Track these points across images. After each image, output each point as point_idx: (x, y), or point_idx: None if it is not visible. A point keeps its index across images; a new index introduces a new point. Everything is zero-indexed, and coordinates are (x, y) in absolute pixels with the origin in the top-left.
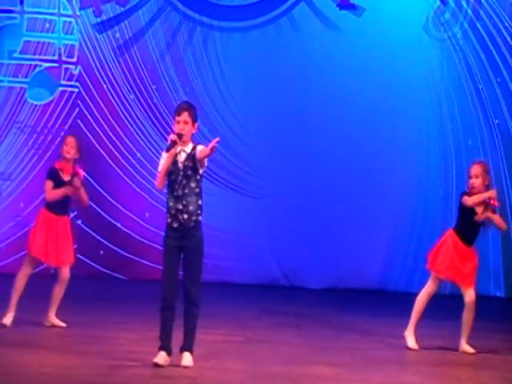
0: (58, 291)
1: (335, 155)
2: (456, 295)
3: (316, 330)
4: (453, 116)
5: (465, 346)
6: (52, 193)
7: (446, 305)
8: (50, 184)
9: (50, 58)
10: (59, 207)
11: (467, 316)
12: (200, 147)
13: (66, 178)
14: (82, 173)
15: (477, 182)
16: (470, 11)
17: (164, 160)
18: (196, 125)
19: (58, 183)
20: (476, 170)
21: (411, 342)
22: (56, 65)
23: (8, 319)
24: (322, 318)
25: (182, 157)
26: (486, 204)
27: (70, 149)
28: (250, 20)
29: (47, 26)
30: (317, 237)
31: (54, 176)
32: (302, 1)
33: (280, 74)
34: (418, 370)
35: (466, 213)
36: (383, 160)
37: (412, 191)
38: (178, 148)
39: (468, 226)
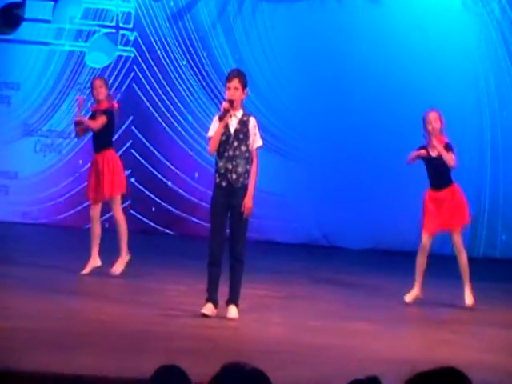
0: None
1: (375, 120)
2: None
3: (353, 289)
4: (489, 89)
5: (468, 297)
6: (91, 122)
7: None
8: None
9: (108, 24)
10: (94, 144)
11: (460, 260)
12: (253, 120)
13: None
14: (116, 105)
15: (437, 126)
16: None
17: (216, 126)
18: (246, 90)
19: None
20: (434, 115)
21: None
22: (113, 30)
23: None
24: (359, 277)
25: (233, 121)
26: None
27: (99, 89)
28: None
29: None
30: (356, 199)
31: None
32: None
33: (324, 44)
34: (449, 328)
35: (424, 162)
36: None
37: None
38: (231, 113)
39: (430, 172)
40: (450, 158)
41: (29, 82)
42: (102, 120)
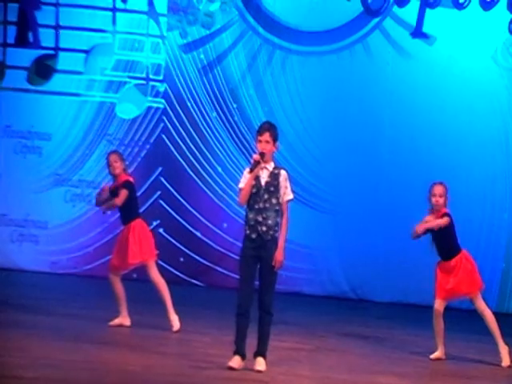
0: (160, 294)
1: (404, 176)
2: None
3: (381, 342)
4: None
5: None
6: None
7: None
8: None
9: (139, 75)
10: (121, 216)
11: (489, 325)
12: (284, 174)
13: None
14: (130, 178)
15: (440, 200)
16: None
17: (247, 178)
18: (277, 144)
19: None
20: (440, 189)
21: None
22: (143, 82)
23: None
24: (387, 331)
25: (264, 173)
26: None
27: (113, 164)
28: (327, 45)
29: (136, 45)
30: (383, 252)
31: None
32: (377, 28)
33: (353, 97)
34: None
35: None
36: (452, 180)
37: (477, 213)
38: (261, 165)
39: (435, 244)
40: (435, 224)
41: (60, 133)
42: (124, 194)
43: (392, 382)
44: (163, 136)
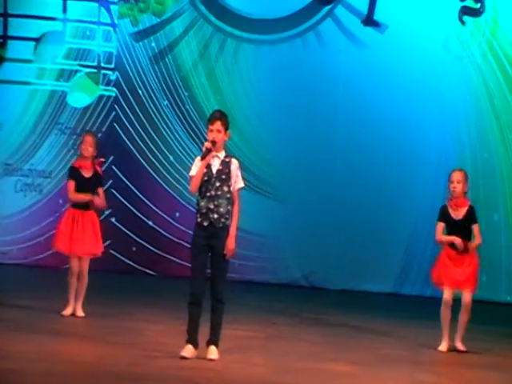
0: (80, 285)
1: (357, 165)
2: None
3: (334, 329)
4: (470, 130)
5: (458, 344)
6: (76, 196)
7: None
8: (72, 184)
9: (90, 63)
10: (83, 204)
11: (463, 317)
12: (235, 162)
13: (87, 174)
14: (100, 169)
15: (458, 187)
16: (487, 31)
17: (198, 166)
18: (228, 132)
19: (80, 181)
20: (458, 176)
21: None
22: (95, 70)
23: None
24: (339, 318)
25: (215, 161)
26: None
27: (88, 147)
28: (279, 34)
29: (88, 33)
30: (335, 240)
31: (76, 175)
32: (328, 17)
33: (306, 85)
34: (430, 370)
35: (448, 223)
36: (402, 169)
37: (429, 198)
38: (213, 154)
39: (453, 234)
40: (477, 244)
41: (10, 122)
42: (103, 193)
43: (344, 369)
44: (115, 124)
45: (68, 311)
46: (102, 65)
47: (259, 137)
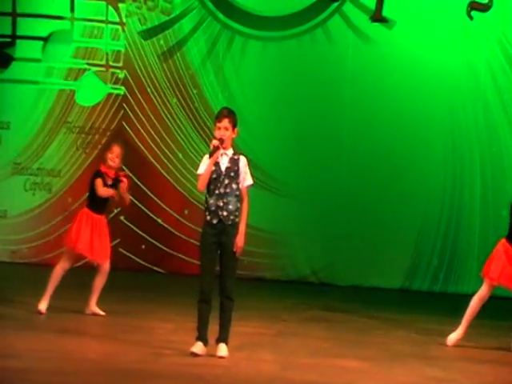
0: (99, 282)
1: (365, 161)
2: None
3: (343, 325)
4: (478, 124)
5: None
6: (105, 190)
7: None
8: (100, 181)
9: (98, 62)
10: (101, 206)
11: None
12: (243, 159)
13: (108, 182)
14: (125, 181)
15: None
16: (495, 26)
17: (206, 164)
18: (236, 130)
19: (103, 185)
20: None
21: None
22: (103, 69)
23: (43, 306)
24: (348, 314)
25: (224, 159)
26: None
27: (115, 158)
28: (287, 30)
29: (96, 32)
30: (344, 236)
31: (101, 177)
32: (336, 13)
33: (314, 81)
34: (440, 365)
35: None
36: (411, 165)
37: (438, 193)
38: (221, 151)
39: None
40: None
41: (19, 121)
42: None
43: (354, 365)
44: (123, 123)
45: (45, 306)
46: (111, 63)
47: (267, 133)
